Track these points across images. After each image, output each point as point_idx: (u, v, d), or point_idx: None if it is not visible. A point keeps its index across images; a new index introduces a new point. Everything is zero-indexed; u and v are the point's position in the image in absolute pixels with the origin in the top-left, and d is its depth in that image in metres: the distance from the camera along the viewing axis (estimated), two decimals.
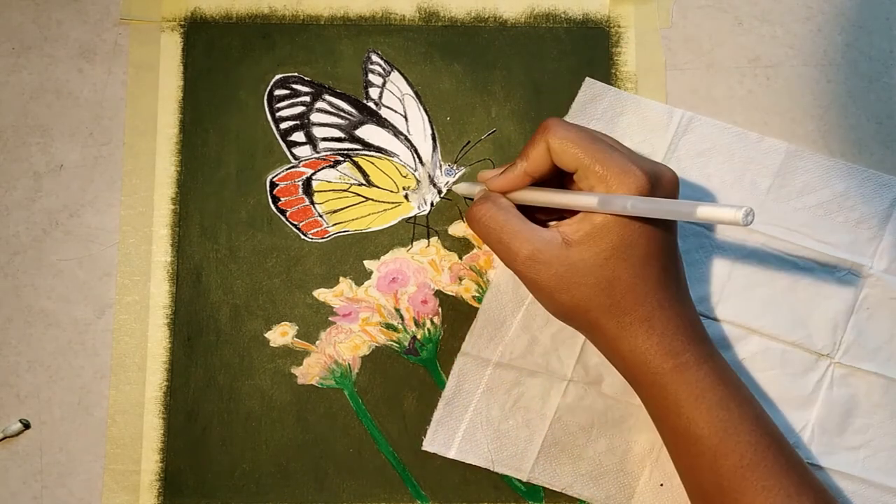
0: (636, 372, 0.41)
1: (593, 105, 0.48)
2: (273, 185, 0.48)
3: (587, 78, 0.48)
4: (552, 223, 0.42)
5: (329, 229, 0.48)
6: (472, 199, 0.47)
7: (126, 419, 0.46)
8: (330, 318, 0.47)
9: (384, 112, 0.49)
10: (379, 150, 0.48)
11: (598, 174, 0.39)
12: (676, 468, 0.42)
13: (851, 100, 0.49)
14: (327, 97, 0.49)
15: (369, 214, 0.48)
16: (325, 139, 0.48)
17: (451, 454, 0.45)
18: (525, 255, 0.40)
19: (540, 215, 0.43)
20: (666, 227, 0.40)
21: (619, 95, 0.48)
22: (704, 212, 0.34)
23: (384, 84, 0.49)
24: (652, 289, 0.40)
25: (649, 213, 0.37)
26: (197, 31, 0.49)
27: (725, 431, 0.39)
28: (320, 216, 0.48)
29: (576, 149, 0.40)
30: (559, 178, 0.42)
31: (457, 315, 0.47)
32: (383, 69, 0.49)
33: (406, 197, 0.48)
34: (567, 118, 0.48)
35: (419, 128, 0.49)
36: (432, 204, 0.48)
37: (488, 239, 0.41)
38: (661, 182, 0.40)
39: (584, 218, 0.40)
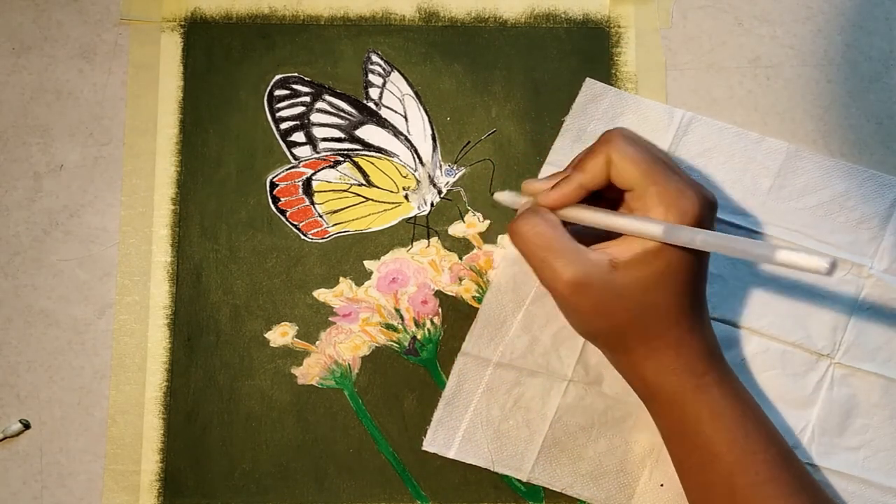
0: (656, 391, 0.40)
1: (594, 105, 0.48)
2: (273, 185, 0.48)
3: (588, 78, 0.48)
4: (595, 246, 0.40)
5: (329, 229, 0.48)
6: (514, 211, 0.47)
7: (126, 419, 0.46)
8: (330, 319, 0.47)
9: (384, 112, 0.49)
10: (379, 150, 0.48)
11: (656, 196, 0.38)
12: (685, 485, 0.42)
13: (851, 100, 0.49)
14: (327, 97, 0.49)
15: (369, 215, 0.48)
16: (325, 139, 0.48)
17: (451, 454, 0.45)
18: (569, 277, 0.38)
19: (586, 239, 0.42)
20: (704, 255, 0.40)
21: (619, 95, 0.48)
22: (786, 257, 0.32)
23: (384, 84, 0.49)
24: (684, 314, 0.39)
25: (719, 250, 0.36)
26: (197, 31, 0.49)
27: (742, 450, 0.39)
28: (320, 216, 0.48)
29: (636, 168, 0.38)
30: (599, 194, 0.41)
31: (457, 315, 0.47)
32: (383, 69, 0.49)
33: (406, 197, 0.48)
34: (568, 118, 0.48)
35: (419, 128, 0.49)
36: (432, 204, 0.48)
37: (531, 256, 0.40)
38: (711, 208, 0.39)
39: (634, 240, 0.38)
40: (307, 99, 0.49)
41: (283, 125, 0.48)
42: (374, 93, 0.49)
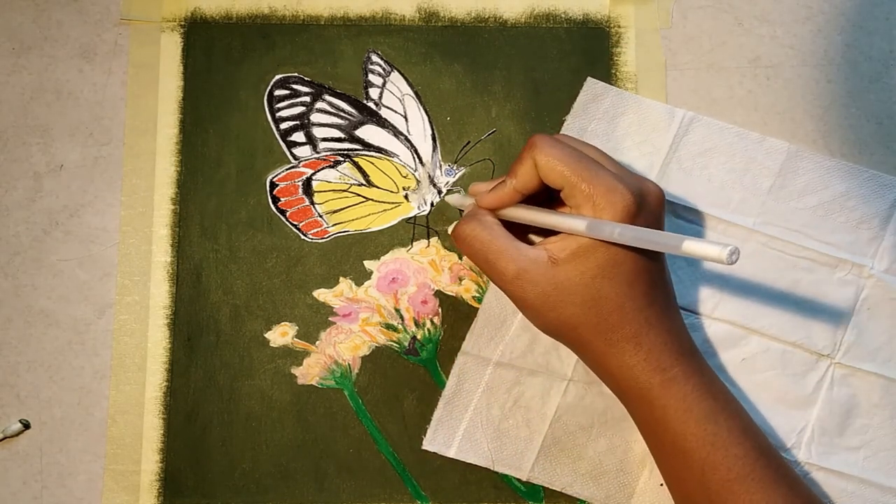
0: (624, 387, 0.41)
1: (595, 105, 0.48)
2: (273, 185, 0.48)
3: (589, 77, 0.48)
4: (539, 241, 0.42)
5: (329, 229, 0.48)
6: (463, 211, 0.48)
7: (126, 419, 0.46)
8: (330, 319, 0.47)
9: (384, 112, 0.49)
10: (379, 150, 0.48)
11: (585, 193, 0.39)
12: (665, 481, 0.42)
13: (851, 100, 0.49)
14: (327, 97, 0.49)
15: (369, 214, 0.48)
16: (325, 139, 0.48)
17: (451, 453, 0.45)
18: (511, 274, 0.40)
19: (531, 233, 0.43)
20: (643, 250, 0.40)
21: (620, 95, 0.48)
22: (690, 247, 0.34)
23: (384, 84, 0.49)
24: (639, 306, 0.40)
25: (635, 242, 0.37)
26: (197, 31, 0.49)
27: (713, 445, 0.39)
28: (320, 216, 0.48)
29: (562, 167, 0.39)
30: (550, 192, 0.42)
31: (457, 315, 0.47)
32: (383, 69, 0.49)
33: (406, 197, 0.48)
34: (568, 118, 0.48)
35: (419, 128, 0.49)
36: (432, 204, 0.48)
37: (475, 258, 0.41)
38: (647, 200, 0.40)
39: (570, 236, 0.40)
40: (307, 99, 0.49)
41: (283, 125, 0.48)
42: (374, 93, 0.49)
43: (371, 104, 0.49)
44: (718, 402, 0.40)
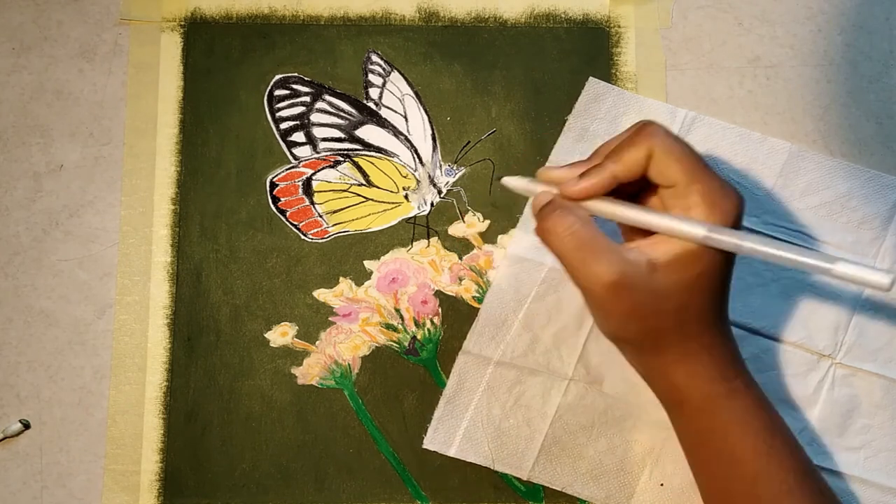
0: (687, 395, 0.39)
1: (596, 105, 0.48)
2: (273, 185, 0.48)
3: (590, 77, 0.48)
4: (632, 243, 0.38)
5: (329, 229, 0.48)
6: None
7: (126, 419, 0.46)
8: (330, 319, 0.47)
9: (384, 112, 0.49)
10: (379, 150, 0.48)
11: (699, 196, 0.36)
12: (705, 493, 0.41)
13: (851, 100, 0.49)
14: (327, 97, 0.49)
15: (369, 214, 0.48)
16: (325, 139, 0.48)
17: (452, 452, 0.45)
18: (609, 279, 0.36)
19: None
20: (734, 256, 0.38)
21: (621, 95, 0.48)
22: (844, 270, 0.31)
23: (384, 84, 0.49)
24: (716, 316, 0.38)
25: (767, 257, 0.34)
26: (197, 31, 0.49)
27: (768, 456, 0.38)
28: (320, 216, 0.48)
29: (679, 165, 0.36)
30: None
31: (457, 315, 0.47)
32: (383, 69, 0.49)
33: (406, 197, 0.48)
34: (570, 118, 0.48)
35: (419, 128, 0.49)
36: (432, 204, 0.48)
37: (566, 257, 0.37)
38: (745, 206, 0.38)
39: (670, 239, 0.36)
40: (307, 99, 0.49)
41: (283, 125, 0.48)
42: (374, 93, 0.49)
43: (371, 104, 0.49)
44: (772, 415, 0.40)
